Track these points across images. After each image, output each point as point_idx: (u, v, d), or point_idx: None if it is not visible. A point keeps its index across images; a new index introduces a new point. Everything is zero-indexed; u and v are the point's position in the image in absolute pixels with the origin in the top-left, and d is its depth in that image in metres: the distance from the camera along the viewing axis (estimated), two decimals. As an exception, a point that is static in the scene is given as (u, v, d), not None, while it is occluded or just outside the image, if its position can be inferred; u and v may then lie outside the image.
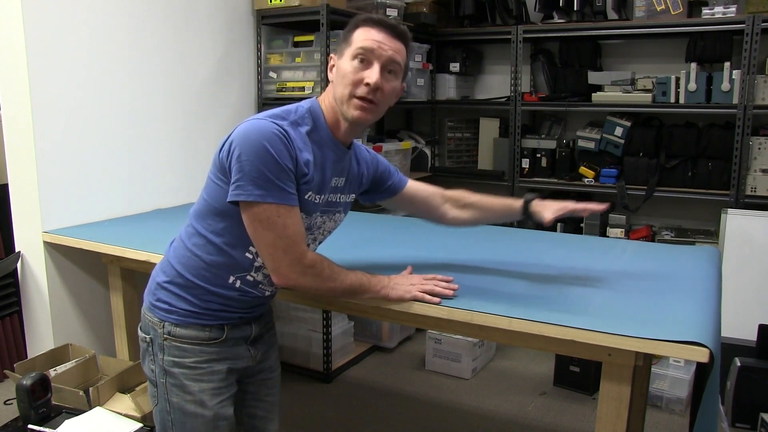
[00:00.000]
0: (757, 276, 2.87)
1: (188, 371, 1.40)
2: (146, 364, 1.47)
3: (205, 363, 1.41)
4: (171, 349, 1.40)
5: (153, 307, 1.43)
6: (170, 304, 1.41)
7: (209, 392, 1.42)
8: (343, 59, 1.38)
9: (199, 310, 1.40)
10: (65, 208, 2.36)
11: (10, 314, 2.63)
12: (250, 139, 1.27)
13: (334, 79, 1.40)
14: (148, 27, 2.60)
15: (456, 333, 1.69)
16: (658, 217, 3.55)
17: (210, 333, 1.41)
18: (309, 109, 1.40)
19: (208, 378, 1.42)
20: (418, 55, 3.64)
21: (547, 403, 2.93)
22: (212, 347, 1.42)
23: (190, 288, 1.40)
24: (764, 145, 3.01)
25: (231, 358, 1.45)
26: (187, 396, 1.41)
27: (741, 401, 2.38)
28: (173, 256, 1.44)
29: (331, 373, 3.15)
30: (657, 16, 3.19)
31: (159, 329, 1.41)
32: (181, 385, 1.41)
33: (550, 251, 1.97)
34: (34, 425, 1.90)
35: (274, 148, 1.26)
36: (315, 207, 1.40)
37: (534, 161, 3.59)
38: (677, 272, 1.73)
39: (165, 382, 1.42)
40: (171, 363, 1.41)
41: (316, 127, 1.39)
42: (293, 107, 1.39)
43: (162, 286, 1.43)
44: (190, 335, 1.40)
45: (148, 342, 1.44)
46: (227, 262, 1.38)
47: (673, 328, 1.28)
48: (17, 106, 2.25)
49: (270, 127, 1.28)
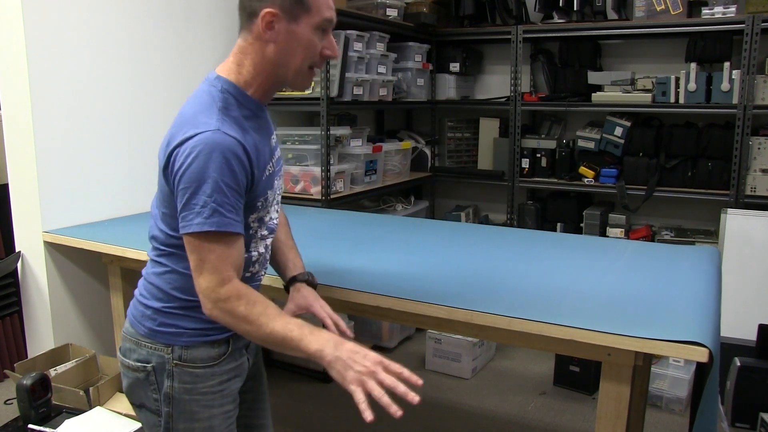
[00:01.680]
0: (757, 276, 2.87)
1: (200, 397, 1.33)
2: (143, 393, 1.35)
3: (217, 386, 1.34)
4: (182, 375, 1.31)
5: (155, 333, 1.32)
6: (177, 326, 1.31)
7: (219, 417, 1.35)
8: (301, 27, 1.23)
9: (207, 325, 1.31)
10: (65, 208, 2.36)
11: (10, 314, 2.63)
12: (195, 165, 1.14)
13: (284, 46, 1.24)
14: (148, 27, 2.60)
15: (456, 333, 1.69)
16: (658, 217, 3.55)
17: (218, 349, 1.34)
18: (223, 92, 1.26)
19: (219, 402, 1.35)
20: (418, 55, 3.64)
21: (547, 403, 2.93)
22: (222, 365, 1.34)
23: (193, 306, 1.30)
24: (764, 145, 3.01)
25: (239, 374, 1.40)
26: (196, 423, 1.33)
27: (741, 401, 2.38)
28: (163, 283, 1.32)
29: (331, 373, 3.15)
30: (657, 16, 3.19)
31: (167, 355, 1.31)
32: (191, 412, 1.33)
33: (549, 251, 1.97)
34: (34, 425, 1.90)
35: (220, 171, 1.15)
36: (273, 175, 1.33)
37: (534, 161, 3.59)
38: (677, 272, 1.73)
39: (171, 411, 1.32)
40: (182, 390, 1.31)
41: (242, 106, 1.26)
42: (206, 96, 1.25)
43: (162, 311, 1.32)
44: (201, 356, 1.32)
45: (148, 371, 1.32)
46: None
47: (672, 328, 1.28)
48: (17, 106, 2.25)
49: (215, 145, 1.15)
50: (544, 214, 3.66)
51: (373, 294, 1.55)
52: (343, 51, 2.96)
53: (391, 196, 3.80)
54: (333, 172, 3.01)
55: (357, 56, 3.10)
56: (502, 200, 3.76)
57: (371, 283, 1.60)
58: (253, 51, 1.27)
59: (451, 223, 2.53)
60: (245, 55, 1.28)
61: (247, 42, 1.27)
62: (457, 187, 4.13)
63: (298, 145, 3.07)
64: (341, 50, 2.95)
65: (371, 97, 3.25)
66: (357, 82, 3.11)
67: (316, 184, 2.98)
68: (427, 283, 1.63)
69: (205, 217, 1.16)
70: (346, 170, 3.12)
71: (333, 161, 3.03)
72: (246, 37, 1.28)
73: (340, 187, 3.07)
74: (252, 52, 1.27)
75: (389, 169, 3.53)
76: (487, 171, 3.81)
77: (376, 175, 3.34)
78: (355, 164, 3.18)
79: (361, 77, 3.12)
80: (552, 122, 3.75)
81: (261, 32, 1.24)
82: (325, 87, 2.89)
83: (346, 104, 3.11)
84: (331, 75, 2.92)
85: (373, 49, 3.24)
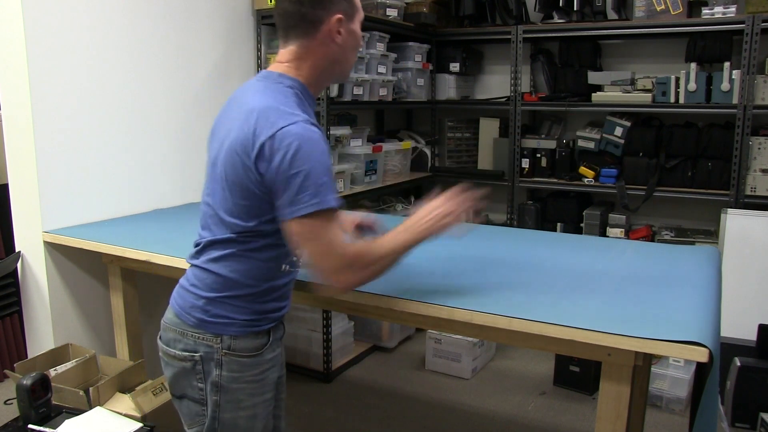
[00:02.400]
0: (757, 276, 2.87)
1: (246, 386, 1.38)
2: (188, 383, 1.39)
3: (260, 375, 1.40)
4: (230, 364, 1.36)
5: (205, 323, 1.35)
6: (228, 317, 1.35)
7: (262, 405, 1.42)
8: (356, 24, 1.37)
9: (255, 316, 1.37)
10: (65, 208, 2.36)
11: (10, 314, 2.63)
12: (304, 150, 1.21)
13: (347, 44, 1.37)
14: (148, 27, 2.60)
15: (456, 333, 1.70)
16: (658, 217, 3.55)
17: (262, 340, 1.39)
18: (292, 87, 1.33)
19: (261, 390, 1.41)
20: (418, 55, 3.64)
21: (547, 403, 2.93)
22: (265, 355, 1.40)
23: (248, 294, 1.35)
24: (764, 145, 3.01)
25: (277, 364, 1.46)
26: (242, 411, 1.39)
27: (741, 401, 2.38)
28: (226, 269, 1.35)
29: (331, 373, 3.15)
30: (657, 16, 3.19)
31: (215, 344, 1.35)
32: (238, 400, 1.38)
33: (549, 251, 1.97)
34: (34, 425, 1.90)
35: (323, 154, 1.23)
36: None
37: (534, 161, 3.60)
38: (677, 272, 1.73)
39: (218, 400, 1.37)
40: (230, 378, 1.36)
41: (305, 101, 1.35)
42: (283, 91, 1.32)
43: (216, 299, 1.35)
44: (248, 346, 1.37)
45: (195, 360, 1.36)
46: (280, 253, 1.36)
47: (672, 328, 1.28)
48: (17, 106, 2.25)
49: (312, 132, 1.24)
50: (544, 214, 3.66)
51: (373, 294, 1.54)
52: (343, 51, 2.96)
53: (391, 196, 3.80)
54: (333, 172, 3.01)
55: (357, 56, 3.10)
56: (502, 200, 3.76)
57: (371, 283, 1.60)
58: (314, 55, 1.35)
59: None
60: (303, 60, 1.35)
61: (305, 48, 1.34)
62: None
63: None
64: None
65: (371, 97, 3.25)
66: (357, 82, 3.11)
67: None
68: (427, 283, 1.63)
69: (322, 197, 1.23)
70: (346, 170, 3.12)
71: (333, 161, 3.03)
72: (304, 44, 1.34)
73: (340, 187, 3.08)
74: (313, 56, 1.35)
75: (389, 169, 3.53)
76: (487, 171, 3.81)
77: (376, 175, 3.34)
78: (355, 164, 3.18)
79: (361, 77, 3.12)
80: (552, 122, 3.76)
81: (330, 36, 1.33)
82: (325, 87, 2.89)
83: (346, 104, 3.11)
84: (331, 75, 2.92)
85: (373, 49, 3.24)
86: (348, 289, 1.35)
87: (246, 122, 1.26)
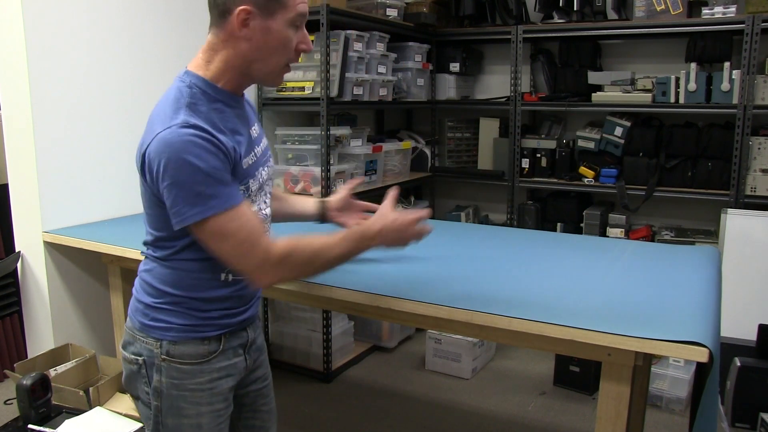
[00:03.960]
0: (757, 276, 2.87)
1: (188, 394, 1.33)
2: (137, 386, 1.37)
3: (206, 384, 1.34)
4: (169, 370, 1.32)
5: (147, 327, 1.33)
6: (168, 322, 1.32)
7: (208, 415, 1.35)
8: (276, 22, 1.22)
9: (197, 321, 1.32)
10: (65, 208, 2.36)
11: (10, 314, 2.63)
12: (170, 159, 1.15)
13: (259, 43, 1.23)
14: (148, 27, 2.60)
15: (456, 333, 1.69)
16: (658, 217, 3.55)
17: (209, 346, 1.33)
18: (191, 86, 1.25)
19: (208, 400, 1.34)
20: (418, 55, 3.64)
21: (547, 403, 2.93)
22: (212, 363, 1.34)
23: (186, 303, 1.32)
24: (764, 145, 3.01)
25: (231, 374, 1.38)
26: (184, 420, 1.34)
27: (741, 401, 2.38)
28: (154, 278, 1.34)
29: (331, 373, 3.15)
30: (657, 16, 3.19)
31: (156, 349, 1.32)
32: (179, 408, 1.33)
33: (549, 251, 1.97)
34: (34, 425, 1.90)
35: (197, 156, 1.15)
36: (256, 165, 1.33)
37: (534, 161, 3.60)
38: (677, 272, 1.73)
39: (160, 405, 1.34)
40: (169, 385, 1.32)
41: (212, 98, 1.25)
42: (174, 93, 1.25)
43: (155, 306, 1.33)
44: (189, 352, 1.32)
45: (140, 364, 1.34)
46: (211, 264, 1.30)
47: (672, 328, 1.28)
48: (17, 106, 2.25)
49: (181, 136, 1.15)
50: (544, 214, 3.66)
51: (373, 294, 1.54)
52: (343, 51, 2.96)
53: (391, 196, 3.79)
54: (333, 172, 3.01)
55: (357, 56, 3.10)
56: (502, 200, 3.76)
57: (371, 283, 1.60)
58: (224, 48, 1.25)
59: (451, 223, 2.53)
60: (215, 51, 1.26)
61: (218, 38, 1.25)
62: (457, 187, 4.13)
63: (298, 145, 3.07)
64: (341, 50, 2.95)
65: (371, 97, 3.25)
66: (357, 82, 3.11)
67: (316, 184, 2.98)
68: (427, 283, 1.63)
69: (204, 204, 1.16)
70: (346, 170, 3.12)
71: (333, 161, 3.03)
72: (217, 34, 1.25)
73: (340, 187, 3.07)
74: (223, 49, 1.25)
75: (389, 169, 3.53)
76: (487, 171, 3.81)
77: (376, 175, 3.34)
78: (355, 164, 3.18)
79: (361, 77, 3.12)
80: (552, 122, 3.75)
81: (235, 30, 1.22)
82: (325, 87, 2.89)
83: (346, 104, 3.11)
84: (331, 75, 2.92)
85: (373, 49, 3.24)
86: (271, 285, 1.29)
87: (144, 131, 1.26)
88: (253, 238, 1.21)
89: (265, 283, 1.27)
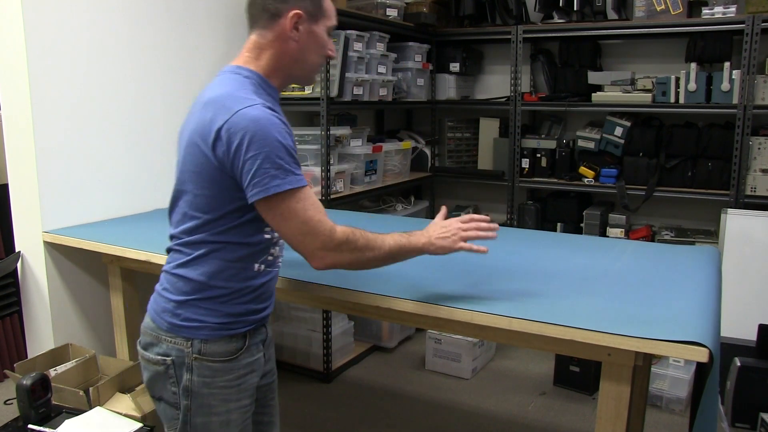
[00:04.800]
0: (757, 276, 2.87)
1: (218, 391, 1.36)
2: (164, 386, 1.38)
3: (235, 380, 1.37)
4: (201, 369, 1.34)
5: (176, 327, 1.34)
6: (199, 320, 1.34)
7: (237, 411, 1.39)
8: (319, 28, 1.37)
9: (229, 319, 1.35)
10: (65, 208, 2.36)
11: (10, 314, 2.63)
12: (257, 133, 1.21)
13: (305, 44, 1.35)
14: (148, 27, 2.60)
15: (456, 333, 1.69)
16: (658, 217, 3.55)
17: (236, 344, 1.37)
18: (249, 77, 1.33)
19: (236, 397, 1.38)
20: (418, 55, 3.64)
21: (547, 403, 2.93)
22: (240, 360, 1.37)
23: (219, 296, 1.34)
24: (764, 145, 3.01)
25: (255, 369, 1.42)
26: (214, 417, 1.37)
27: (741, 401, 2.38)
28: (192, 272, 1.34)
29: (331, 373, 3.15)
30: (657, 16, 3.19)
31: (186, 349, 1.34)
32: (209, 406, 1.36)
33: (549, 251, 1.97)
34: (34, 425, 1.90)
35: (281, 134, 1.23)
36: None
37: (534, 161, 3.60)
38: (677, 272, 1.73)
39: (189, 404, 1.35)
40: (201, 384, 1.34)
41: (266, 92, 1.35)
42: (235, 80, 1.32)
43: (186, 303, 1.34)
44: (219, 351, 1.35)
45: (167, 364, 1.35)
46: (251, 251, 1.35)
47: (672, 328, 1.28)
48: (17, 106, 2.25)
49: (266, 113, 1.23)
50: (544, 214, 3.66)
51: (373, 294, 1.54)
52: (343, 51, 2.96)
53: (391, 196, 3.80)
54: (333, 172, 3.01)
55: (357, 56, 3.10)
56: (502, 200, 3.76)
57: (371, 283, 1.60)
58: (272, 48, 1.35)
59: (451, 223, 2.52)
60: (262, 50, 1.36)
61: (265, 39, 1.35)
62: (457, 187, 4.13)
63: (298, 145, 3.07)
64: (341, 50, 2.95)
65: (371, 97, 3.25)
66: (357, 82, 3.11)
67: (316, 184, 2.98)
68: (427, 283, 1.63)
69: (282, 179, 1.23)
70: (346, 170, 3.12)
71: (333, 161, 3.03)
72: (264, 35, 1.35)
73: (340, 187, 3.08)
74: (271, 48, 1.35)
75: (389, 169, 3.53)
76: (487, 171, 3.81)
77: (376, 175, 3.34)
78: (355, 164, 3.18)
79: (361, 77, 3.12)
80: (552, 122, 3.76)
81: (286, 31, 1.33)
82: (325, 87, 2.89)
83: (346, 104, 3.11)
84: (331, 75, 2.92)
85: (373, 49, 3.24)
86: (328, 268, 1.33)
87: (203, 112, 1.28)
88: (318, 219, 1.28)
89: (322, 265, 1.31)
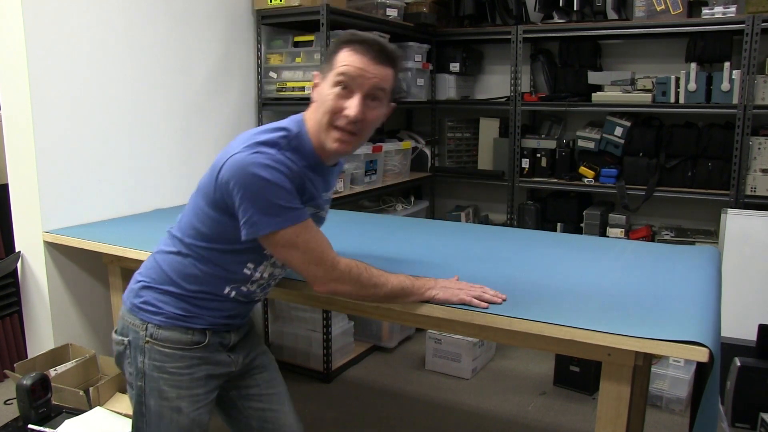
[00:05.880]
0: (757, 276, 2.87)
1: (168, 377, 1.39)
2: (124, 365, 1.46)
3: (186, 369, 1.40)
4: (152, 353, 1.39)
5: (136, 309, 1.42)
6: (158, 307, 1.40)
7: (188, 399, 1.41)
8: (326, 82, 1.34)
9: (186, 313, 1.40)
10: (65, 208, 2.36)
11: (10, 314, 2.63)
12: (247, 175, 1.25)
13: (316, 101, 1.37)
14: (148, 27, 2.60)
15: (456, 333, 1.69)
16: (658, 217, 3.55)
17: (192, 337, 1.41)
18: (298, 135, 1.36)
19: (187, 385, 1.41)
20: (418, 55, 3.64)
21: (547, 403, 2.93)
22: (194, 352, 1.41)
23: (182, 295, 1.40)
24: (764, 145, 3.01)
25: (212, 364, 1.45)
26: (164, 402, 1.40)
27: (741, 401, 2.38)
28: (166, 264, 1.42)
29: (331, 373, 3.15)
30: (657, 16, 3.19)
31: (141, 331, 1.39)
32: (160, 390, 1.40)
33: (550, 251, 1.97)
34: (34, 425, 1.90)
35: (272, 176, 1.25)
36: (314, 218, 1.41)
37: (534, 161, 3.59)
38: (677, 272, 1.73)
39: (143, 385, 1.41)
40: (152, 367, 1.40)
41: (304, 155, 1.36)
42: (281, 131, 1.34)
43: (151, 287, 1.41)
44: (172, 338, 1.39)
45: (125, 345, 1.42)
46: (225, 275, 1.40)
47: (672, 328, 1.28)
48: (17, 106, 2.25)
49: (261, 159, 1.26)
50: (544, 214, 3.66)
51: (373, 294, 1.54)
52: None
53: (391, 196, 3.80)
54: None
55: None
56: (502, 200, 3.76)
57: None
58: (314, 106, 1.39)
59: (451, 223, 2.53)
60: (312, 111, 1.40)
61: None
62: (457, 187, 4.13)
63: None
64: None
65: (371, 97, 3.25)
66: (357, 82, 3.10)
67: (316, 184, 2.97)
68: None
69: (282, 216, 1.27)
70: (346, 170, 3.11)
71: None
72: None
73: (340, 187, 3.07)
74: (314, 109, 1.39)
75: (389, 169, 3.53)
76: (487, 171, 3.81)
77: (376, 175, 3.34)
78: (355, 164, 3.18)
79: (361, 77, 3.12)
80: (552, 122, 3.75)
81: (312, 93, 1.39)
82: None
83: (346, 104, 3.10)
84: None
85: (373, 49, 3.23)
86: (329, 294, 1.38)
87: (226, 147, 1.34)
88: (321, 248, 1.33)
89: (324, 290, 1.36)
